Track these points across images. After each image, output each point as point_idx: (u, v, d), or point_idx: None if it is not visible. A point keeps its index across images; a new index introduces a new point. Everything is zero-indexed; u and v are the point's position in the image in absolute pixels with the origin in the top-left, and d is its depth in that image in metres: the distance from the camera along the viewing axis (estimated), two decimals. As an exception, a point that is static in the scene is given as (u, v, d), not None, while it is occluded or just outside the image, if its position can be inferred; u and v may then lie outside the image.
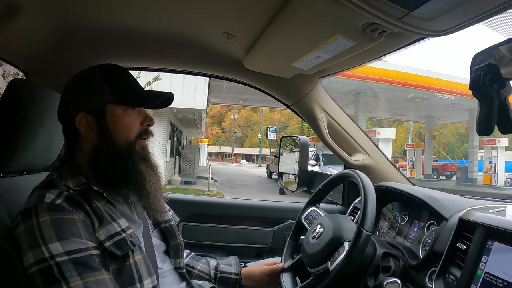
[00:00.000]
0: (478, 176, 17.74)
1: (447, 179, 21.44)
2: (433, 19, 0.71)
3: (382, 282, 0.89)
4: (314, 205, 1.20)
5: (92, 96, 0.90)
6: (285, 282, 1.11)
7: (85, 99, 0.91)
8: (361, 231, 0.86)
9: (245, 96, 17.92)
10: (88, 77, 0.94)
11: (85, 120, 0.90)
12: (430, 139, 19.59)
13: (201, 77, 10.48)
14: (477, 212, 0.85)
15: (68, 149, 0.95)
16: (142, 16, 1.13)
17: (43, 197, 0.80)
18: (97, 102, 0.90)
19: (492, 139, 16.60)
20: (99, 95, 0.90)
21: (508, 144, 17.20)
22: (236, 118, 43.59)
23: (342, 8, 0.75)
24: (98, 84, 0.91)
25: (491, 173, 16.55)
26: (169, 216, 1.10)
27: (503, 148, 16.75)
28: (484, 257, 0.77)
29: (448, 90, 14.03)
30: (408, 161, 19.91)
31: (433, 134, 20.31)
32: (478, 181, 17.50)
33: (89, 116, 0.90)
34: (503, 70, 0.70)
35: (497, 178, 16.27)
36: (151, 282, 0.87)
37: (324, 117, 1.47)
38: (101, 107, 0.90)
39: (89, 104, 0.90)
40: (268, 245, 1.70)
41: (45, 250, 0.75)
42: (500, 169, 16.39)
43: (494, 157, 16.77)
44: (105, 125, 0.90)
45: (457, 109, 16.60)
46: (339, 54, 1.01)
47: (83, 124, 0.90)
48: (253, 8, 0.96)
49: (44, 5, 1.05)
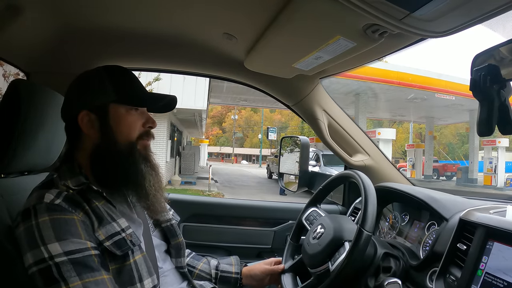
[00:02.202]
0: (478, 177, 17.72)
1: (448, 180, 21.42)
2: (434, 20, 0.71)
3: (382, 283, 0.89)
4: (315, 206, 1.20)
5: (96, 94, 0.91)
6: (286, 282, 1.11)
7: (88, 97, 0.91)
8: (362, 232, 0.86)
9: (245, 97, 17.93)
10: (92, 76, 0.94)
11: (88, 118, 0.90)
12: (430, 139, 19.58)
13: (202, 78, 10.47)
14: (477, 213, 0.85)
15: (69, 149, 0.95)
16: (143, 17, 1.13)
17: (42, 197, 0.80)
18: (101, 100, 0.91)
19: (493, 140, 16.56)
20: (103, 94, 0.91)
21: (508, 145, 17.15)
22: (236, 118, 43.60)
23: (342, 9, 0.75)
24: (102, 84, 0.92)
25: (492, 174, 16.58)
26: (170, 215, 1.10)
27: (503, 149, 16.73)
28: (484, 258, 0.77)
29: (448, 90, 14.05)
30: (409, 161, 19.90)
31: (433, 135, 20.27)
32: (479, 181, 17.48)
33: (92, 115, 0.90)
34: (503, 71, 0.70)
35: (497, 179, 16.30)
36: (151, 281, 0.88)
37: (324, 117, 1.47)
38: (104, 106, 0.91)
39: (92, 102, 0.91)
40: (269, 245, 1.70)
41: (44, 250, 0.75)
42: (500, 170, 16.43)
43: (495, 157, 16.75)
44: (107, 124, 0.90)
45: (458, 109, 16.59)
46: (340, 55, 1.01)
47: (86, 122, 0.90)
48: (254, 9, 0.96)
49: (45, 7, 1.05)
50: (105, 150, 0.90)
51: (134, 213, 0.95)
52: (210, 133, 50.57)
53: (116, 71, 0.96)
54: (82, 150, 0.92)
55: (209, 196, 9.54)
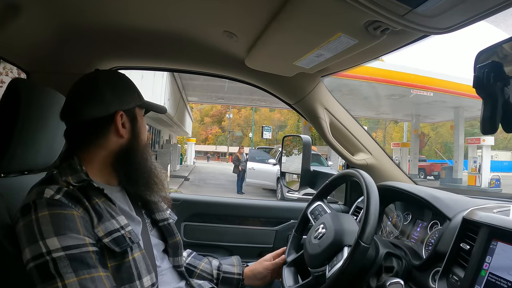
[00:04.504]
0: (463, 176, 17.04)
1: (436, 179, 20.86)
2: (436, 16, 0.70)
3: (385, 283, 0.88)
4: (321, 200, 1.20)
5: (130, 97, 0.98)
6: (286, 276, 1.11)
7: (124, 98, 0.96)
8: (359, 244, 0.85)
9: (221, 95, 17.73)
10: (124, 78, 1.00)
11: (123, 118, 0.94)
12: (416, 138, 19.07)
13: (159, 74, 10.55)
14: (480, 212, 0.84)
15: (71, 146, 0.95)
16: (143, 16, 1.13)
17: (42, 192, 0.81)
18: (133, 103, 0.98)
19: (477, 138, 16.02)
20: (135, 97, 0.99)
21: (493, 143, 16.45)
22: (231, 117, 43.61)
23: (344, 6, 0.74)
24: (133, 87, 1.00)
25: (476, 174, 15.81)
26: (167, 214, 1.11)
27: (488, 147, 16.07)
28: (488, 257, 0.76)
29: (425, 86, 13.40)
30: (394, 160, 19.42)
31: (419, 133, 19.69)
32: (463, 181, 16.75)
33: (124, 115, 0.95)
34: (507, 68, 0.69)
35: (481, 179, 15.53)
36: (150, 279, 0.88)
37: (326, 116, 1.46)
38: (134, 109, 0.98)
39: (127, 104, 0.96)
40: (270, 245, 1.69)
41: (42, 245, 0.75)
42: (485, 169, 15.65)
43: (479, 156, 16.10)
44: (137, 126, 0.98)
45: (441, 106, 15.84)
46: (342, 53, 1.00)
47: (121, 122, 0.94)
48: (254, 7, 0.96)
49: (45, 6, 1.05)
50: (132, 151, 0.96)
51: (133, 212, 0.96)
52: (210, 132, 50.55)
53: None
54: (104, 149, 0.94)
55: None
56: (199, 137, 49.75)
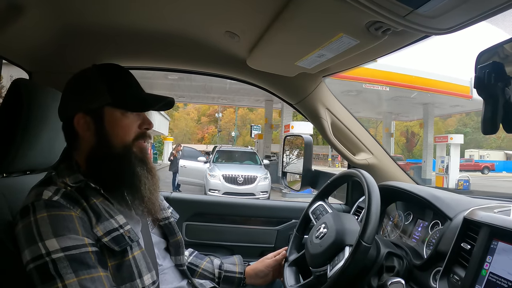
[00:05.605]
0: (432, 177, 15.75)
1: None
2: (438, 16, 0.70)
3: (386, 282, 0.88)
4: (322, 200, 1.20)
5: (91, 97, 0.90)
6: (288, 276, 1.11)
7: (84, 100, 0.91)
8: (360, 244, 0.85)
9: (180, 93, 16.95)
10: (87, 77, 0.93)
11: (84, 120, 0.90)
12: (387, 136, 18.13)
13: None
14: (481, 212, 0.84)
15: (67, 147, 0.96)
16: (145, 16, 1.13)
17: (41, 194, 0.81)
18: (96, 104, 0.90)
19: (444, 136, 14.84)
20: (98, 97, 0.90)
21: (462, 142, 14.99)
22: (220, 116, 43.44)
23: (345, 6, 0.74)
24: (97, 86, 0.91)
25: (443, 174, 14.39)
26: (168, 213, 1.10)
27: (456, 146, 14.65)
28: (488, 257, 0.77)
29: (378, 80, 12.23)
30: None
31: (391, 132, 18.69)
32: (432, 182, 15.19)
33: (87, 117, 0.90)
34: (508, 69, 0.69)
35: (448, 180, 14.13)
36: (151, 277, 0.88)
37: (328, 116, 1.47)
38: (99, 109, 0.90)
39: (87, 105, 0.90)
40: (272, 244, 1.69)
41: (42, 246, 0.75)
42: (452, 170, 14.20)
43: (446, 156, 14.62)
44: (102, 127, 0.90)
45: (410, 103, 14.95)
46: (343, 53, 1.00)
47: (82, 125, 0.90)
48: (256, 7, 0.96)
49: (47, 6, 1.05)
50: (101, 153, 0.90)
51: (132, 211, 0.95)
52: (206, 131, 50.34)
53: (111, 71, 0.95)
54: (79, 150, 0.92)
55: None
56: (195, 137, 49.44)
